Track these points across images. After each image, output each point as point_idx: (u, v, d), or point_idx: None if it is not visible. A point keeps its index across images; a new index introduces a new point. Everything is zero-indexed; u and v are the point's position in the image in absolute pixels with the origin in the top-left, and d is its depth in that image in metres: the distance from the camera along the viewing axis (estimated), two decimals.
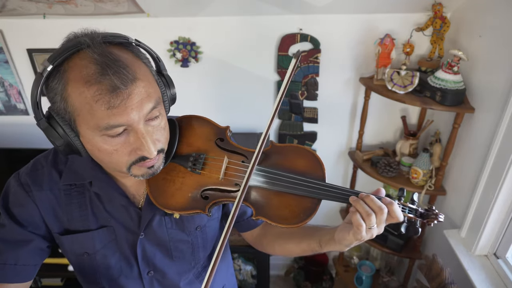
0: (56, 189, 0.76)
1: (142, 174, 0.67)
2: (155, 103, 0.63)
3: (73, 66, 0.58)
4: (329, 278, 2.24)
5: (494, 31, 1.34)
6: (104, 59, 0.57)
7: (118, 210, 0.77)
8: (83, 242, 0.78)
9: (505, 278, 1.35)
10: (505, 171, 1.26)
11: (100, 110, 0.57)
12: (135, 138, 0.62)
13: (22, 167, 0.81)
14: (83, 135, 0.62)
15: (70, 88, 0.58)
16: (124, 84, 0.57)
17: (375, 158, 1.80)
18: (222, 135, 0.77)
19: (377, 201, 0.66)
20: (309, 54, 1.69)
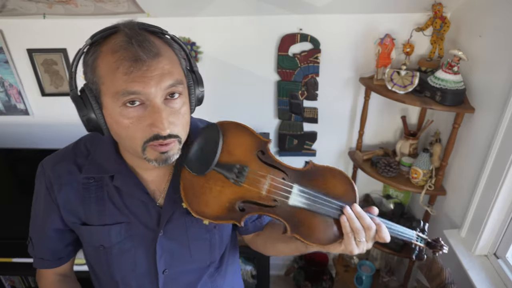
0: (75, 182, 0.77)
1: (155, 158, 0.67)
2: (175, 82, 0.64)
3: (107, 42, 0.63)
4: (329, 278, 2.24)
5: (494, 31, 1.34)
6: (134, 34, 0.61)
7: (138, 206, 0.78)
8: (100, 235, 0.78)
9: (505, 278, 1.35)
10: (505, 171, 1.26)
11: (120, 75, 0.60)
12: (150, 112, 0.62)
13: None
14: (105, 106, 0.65)
15: (99, 59, 0.63)
16: (146, 56, 0.60)
17: (375, 158, 1.80)
18: (264, 148, 0.74)
19: (367, 219, 0.70)
20: (309, 54, 1.69)
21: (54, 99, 1.84)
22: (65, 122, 1.91)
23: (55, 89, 1.80)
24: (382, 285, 2.07)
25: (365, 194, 2.12)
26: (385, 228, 0.71)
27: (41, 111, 1.89)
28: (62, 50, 1.70)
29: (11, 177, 1.84)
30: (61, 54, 1.70)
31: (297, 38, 1.66)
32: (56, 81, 1.78)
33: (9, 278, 2.15)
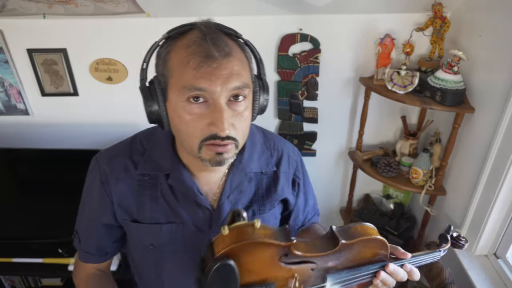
0: (130, 179, 0.77)
1: (210, 158, 0.67)
2: (242, 85, 0.64)
3: (182, 37, 0.64)
4: None
5: (494, 31, 1.34)
6: (209, 31, 0.62)
7: (191, 207, 0.77)
8: (150, 234, 0.78)
9: (505, 278, 1.35)
10: (505, 171, 1.26)
11: (190, 70, 0.60)
12: (212, 111, 0.62)
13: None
14: (170, 99, 0.65)
15: (172, 52, 0.64)
16: (218, 53, 0.60)
17: (375, 158, 1.80)
18: (287, 251, 0.63)
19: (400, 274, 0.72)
20: (309, 54, 1.69)
21: (54, 99, 1.84)
22: (65, 122, 1.91)
23: (55, 89, 1.80)
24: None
25: (365, 194, 2.12)
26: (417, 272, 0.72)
27: (41, 111, 1.89)
28: (62, 50, 1.70)
29: (11, 177, 1.84)
30: (61, 54, 1.70)
31: (297, 38, 1.66)
32: (56, 81, 1.78)
33: (9, 278, 2.15)
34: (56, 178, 1.81)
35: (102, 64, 1.74)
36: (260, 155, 0.83)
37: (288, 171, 0.86)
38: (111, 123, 1.89)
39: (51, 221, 1.89)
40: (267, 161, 0.83)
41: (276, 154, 0.85)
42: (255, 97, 0.71)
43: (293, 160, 0.88)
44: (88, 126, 1.91)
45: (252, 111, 0.71)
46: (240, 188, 0.79)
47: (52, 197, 1.85)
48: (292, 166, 0.88)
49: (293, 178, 0.88)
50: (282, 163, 0.85)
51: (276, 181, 0.83)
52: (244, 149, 0.79)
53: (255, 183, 0.81)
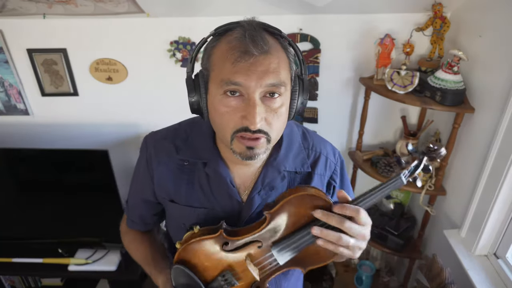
0: (171, 162, 0.82)
1: (240, 151, 0.69)
2: (278, 82, 0.65)
3: (228, 35, 0.66)
4: (329, 278, 2.24)
5: (494, 31, 1.34)
6: (250, 29, 0.64)
7: (223, 196, 0.80)
8: (183, 214, 0.82)
9: (505, 278, 1.35)
10: (505, 171, 1.26)
11: (228, 65, 0.63)
12: (246, 105, 0.65)
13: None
14: (210, 92, 0.69)
15: (216, 48, 0.67)
16: (255, 50, 0.62)
17: (375, 158, 1.80)
18: (222, 239, 0.73)
19: (340, 222, 0.67)
20: (309, 54, 1.69)
21: (54, 99, 1.84)
22: (65, 122, 1.91)
23: (55, 89, 1.80)
24: (382, 285, 2.07)
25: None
26: (363, 213, 0.67)
27: (41, 111, 1.89)
28: (62, 50, 1.70)
29: (11, 177, 1.84)
30: (61, 54, 1.70)
31: (297, 38, 1.66)
32: (56, 81, 1.78)
33: (9, 278, 2.15)
34: (56, 178, 1.81)
35: (102, 64, 1.74)
36: (297, 154, 0.83)
37: (324, 174, 0.86)
38: (111, 123, 1.89)
39: (51, 221, 1.89)
40: (302, 161, 0.83)
41: (313, 155, 0.85)
42: (293, 96, 0.72)
43: (332, 163, 0.87)
44: (88, 126, 1.91)
45: (289, 109, 0.72)
46: (272, 184, 0.81)
47: (52, 197, 1.85)
48: (330, 169, 0.87)
49: (328, 181, 0.87)
50: (319, 165, 0.85)
51: (309, 182, 0.83)
52: (280, 147, 0.81)
53: (287, 182, 0.82)
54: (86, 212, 1.83)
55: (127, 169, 1.95)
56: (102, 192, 1.79)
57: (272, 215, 0.71)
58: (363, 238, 0.68)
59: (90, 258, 1.89)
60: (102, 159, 1.66)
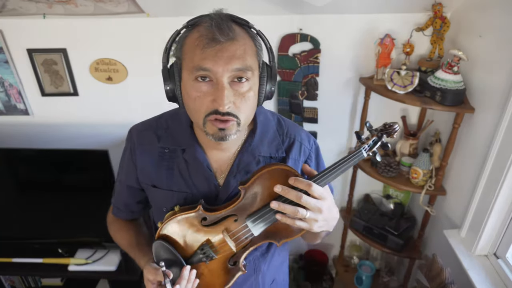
0: (153, 150, 0.88)
1: (213, 133, 0.74)
2: (244, 67, 0.70)
3: (198, 26, 0.72)
4: (329, 278, 2.24)
5: (494, 31, 1.34)
6: (218, 20, 0.69)
7: (201, 180, 0.85)
8: (165, 199, 0.88)
9: (505, 278, 1.35)
10: (505, 171, 1.26)
11: (197, 52, 0.68)
12: (215, 89, 0.70)
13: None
14: (183, 79, 0.74)
15: (187, 38, 0.72)
16: (222, 37, 0.67)
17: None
18: (201, 215, 0.79)
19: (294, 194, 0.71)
20: (309, 54, 1.69)
21: (54, 99, 1.84)
22: (65, 122, 1.91)
23: (55, 89, 1.80)
24: (382, 285, 2.07)
25: (365, 194, 2.12)
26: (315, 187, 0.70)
27: (41, 111, 1.89)
28: (62, 50, 1.70)
29: (11, 177, 1.84)
30: (61, 54, 1.70)
31: (297, 38, 1.66)
32: (56, 81, 1.78)
33: (9, 278, 2.15)
34: (56, 178, 1.81)
35: (102, 64, 1.74)
36: (271, 140, 0.87)
37: (298, 158, 0.90)
38: (111, 123, 1.89)
39: (51, 221, 1.89)
40: (277, 147, 0.87)
41: (287, 141, 0.89)
42: (261, 82, 0.76)
43: (306, 149, 0.91)
44: (88, 126, 1.91)
45: (258, 95, 0.77)
46: (247, 169, 0.85)
47: (52, 197, 1.85)
48: (304, 154, 0.91)
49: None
50: (293, 150, 0.89)
51: None
52: (255, 133, 0.85)
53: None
54: (86, 212, 1.83)
55: None
56: (102, 192, 1.78)
57: (246, 189, 0.76)
58: (318, 210, 0.71)
59: (90, 258, 1.89)
60: (102, 159, 1.66)
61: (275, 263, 1.02)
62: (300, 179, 0.71)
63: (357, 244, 2.30)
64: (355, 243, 2.31)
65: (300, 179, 0.71)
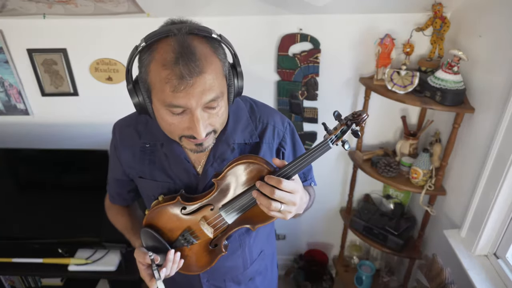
0: (135, 146, 0.93)
1: (190, 148, 0.79)
2: (215, 96, 0.72)
3: (159, 48, 0.70)
4: (329, 278, 2.24)
5: (494, 31, 1.34)
6: (181, 50, 0.67)
7: (181, 171, 0.91)
8: (151, 187, 0.95)
9: (505, 278, 1.35)
10: (505, 171, 1.26)
11: (167, 91, 0.69)
12: (190, 120, 0.73)
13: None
14: (154, 104, 0.76)
15: (152, 65, 0.71)
16: (190, 75, 0.67)
17: (375, 158, 1.80)
18: (180, 205, 0.87)
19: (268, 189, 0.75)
20: (309, 54, 1.69)
21: (54, 99, 1.84)
22: (65, 122, 1.91)
23: (55, 89, 1.80)
24: (382, 285, 2.07)
25: (365, 194, 2.12)
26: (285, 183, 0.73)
27: (41, 111, 1.89)
28: (62, 50, 1.70)
29: (11, 177, 1.84)
30: (61, 54, 1.70)
31: (297, 38, 1.66)
32: (56, 81, 1.78)
33: (9, 278, 2.15)
34: (56, 178, 1.81)
35: (102, 64, 1.74)
36: (245, 127, 0.91)
37: (271, 142, 0.93)
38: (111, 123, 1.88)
39: (51, 221, 1.89)
40: (250, 133, 0.91)
41: (260, 126, 0.93)
42: (229, 84, 0.79)
43: (280, 131, 0.95)
44: (88, 126, 1.91)
45: (228, 99, 0.80)
46: (223, 157, 0.90)
47: (52, 197, 1.86)
48: (278, 136, 0.94)
49: (277, 148, 0.95)
50: (266, 134, 0.92)
51: (258, 151, 0.92)
52: (227, 123, 0.88)
53: (238, 153, 0.91)
54: (86, 212, 1.83)
55: None
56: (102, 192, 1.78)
57: (218, 182, 0.82)
58: (292, 204, 0.76)
59: (90, 258, 1.89)
60: (102, 159, 1.66)
61: (261, 236, 1.09)
62: (271, 176, 0.75)
63: (357, 244, 2.30)
64: (355, 243, 2.31)
65: (271, 177, 0.75)
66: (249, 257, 1.07)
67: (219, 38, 0.74)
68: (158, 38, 0.70)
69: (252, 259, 1.09)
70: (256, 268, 1.12)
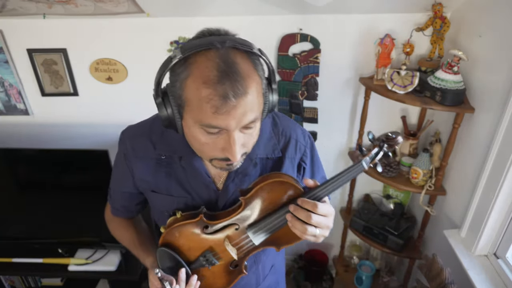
0: (149, 157, 0.86)
1: (220, 167, 0.74)
2: (255, 117, 0.68)
3: (199, 62, 0.63)
4: (329, 278, 2.24)
5: (494, 31, 1.34)
6: (226, 68, 0.62)
7: (200, 186, 0.85)
8: (165, 203, 0.88)
9: (505, 278, 1.35)
10: (505, 171, 1.26)
11: (207, 111, 0.63)
12: (226, 141, 0.68)
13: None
14: (185, 120, 0.69)
15: (190, 81, 0.64)
16: (235, 97, 0.62)
17: None
18: (203, 223, 0.81)
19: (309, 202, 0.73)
20: (309, 54, 1.69)
21: (54, 99, 1.84)
22: (65, 122, 1.91)
23: (55, 89, 1.80)
24: (382, 285, 2.07)
25: (365, 194, 2.12)
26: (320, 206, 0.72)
27: (41, 111, 1.89)
28: (62, 50, 1.70)
29: (11, 177, 1.84)
30: (61, 54, 1.70)
31: (297, 38, 1.66)
32: (56, 81, 1.78)
33: (9, 278, 2.15)
34: (56, 178, 1.81)
35: (102, 64, 1.74)
36: (267, 141, 0.87)
37: (294, 156, 0.90)
38: (111, 123, 1.89)
39: (51, 221, 1.89)
40: (273, 147, 0.87)
41: (283, 140, 0.89)
42: (265, 99, 0.72)
43: (301, 145, 0.91)
44: (88, 126, 1.91)
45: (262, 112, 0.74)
46: (244, 172, 0.85)
47: (52, 197, 1.85)
48: (300, 151, 0.91)
49: (299, 163, 0.92)
50: (289, 149, 0.89)
51: (280, 166, 0.88)
52: None
53: (260, 167, 0.86)
54: (86, 212, 1.83)
55: None
56: (102, 192, 1.78)
57: (246, 200, 0.77)
58: (327, 227, 0.74)
59: (90, 258, 1.89)
60: (102, 159, 1.66)
61: (273, 250, 1.04)
62: (307, 200, 0.72)
63: (357, 244, 2.30)
64: (355, 243, 2.31)
65: (306, 201, 0.72)
66: (261, 273, 1.04)
67: (259, 53, 0.68)
68: (197, 50, 0.63)
69: (264, 275, 1.06)
70: (267, 283, 1.08)
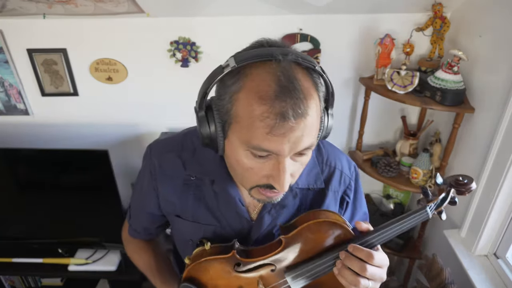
0: (177, 177, 0.77)
1: (259, 198, 0.66)
2: (310, 144, 0.59)
3: (255, 74, 0.55)
4: None
5: (494, 31, 1.34)
6: (287, 84, 0.53)
7: (232, 215, 0.76)
8: (190, 230, 0.79)
9: (505, 278, 1.35)
10: (505, 171, 1.26)
11: (260, 131, 0.54)
12: (274, 167, 0.59)
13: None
14: (229, 139, 0.60)
15: (242, 94, 0.55)
16: (294, 117, 0.53)
17: (375, 158, 1.80)
18: (235, 260, 0.70)
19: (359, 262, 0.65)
20: (309, 54, 1.69)
21: (54, 99, 1.84)
22: (65, 122, 1.91)
23: (55, 89, 1.80)
24: (382, 285, 2.06)
25: (365, 194, 2.12)
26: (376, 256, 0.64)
27: (41, 111, 1.89)
28: (62, 50, 1.70)
29: (11, 177, 1.84)
30: (61, 54, 1.70)
31: (297, 38, 1.66)
32: (56, 81, 1.78)
33: (9, 278, 2.15)
34: (56, 178, 1.81)
35: (102, 64, 1.74)
36: (310, 170, 0.78)
37: (338, 189, 0.81)
38: (111, 123, 1.89)
39: (51, 221, 1.89)
40: (316, 177, 0.78)
41: (327, 170, 0.80)
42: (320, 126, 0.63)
43: (346, 177, 0.82)
44: (88, 126, 1.91)
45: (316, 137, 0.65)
46: (283, 203, 0.76)
47: (52, 197, 1.85)
48: (344, 183, 0.82)
49: (342, 196, 0.83)
50: (333, 181, 0.80)
51: (323, 199, 0.79)
52: None
53: (299, 199, 0.78)
54: (86, 212, 1.83)
55: (127, 169, 1.96)
56: (102, 192, 1.79)
57: (288, 239, 0.67)
58: (380, 280, 0.66)
59: (90, 258, 1.89)
60: (102, 159, 1.66)
61: None
62: (360, 248, 0.64)
63: None
64: None
65: (360, 248, 0.64)
66: None
67: (320, 71, 0.59)
68: (255, 61, 0.55)
69: None
70: None
